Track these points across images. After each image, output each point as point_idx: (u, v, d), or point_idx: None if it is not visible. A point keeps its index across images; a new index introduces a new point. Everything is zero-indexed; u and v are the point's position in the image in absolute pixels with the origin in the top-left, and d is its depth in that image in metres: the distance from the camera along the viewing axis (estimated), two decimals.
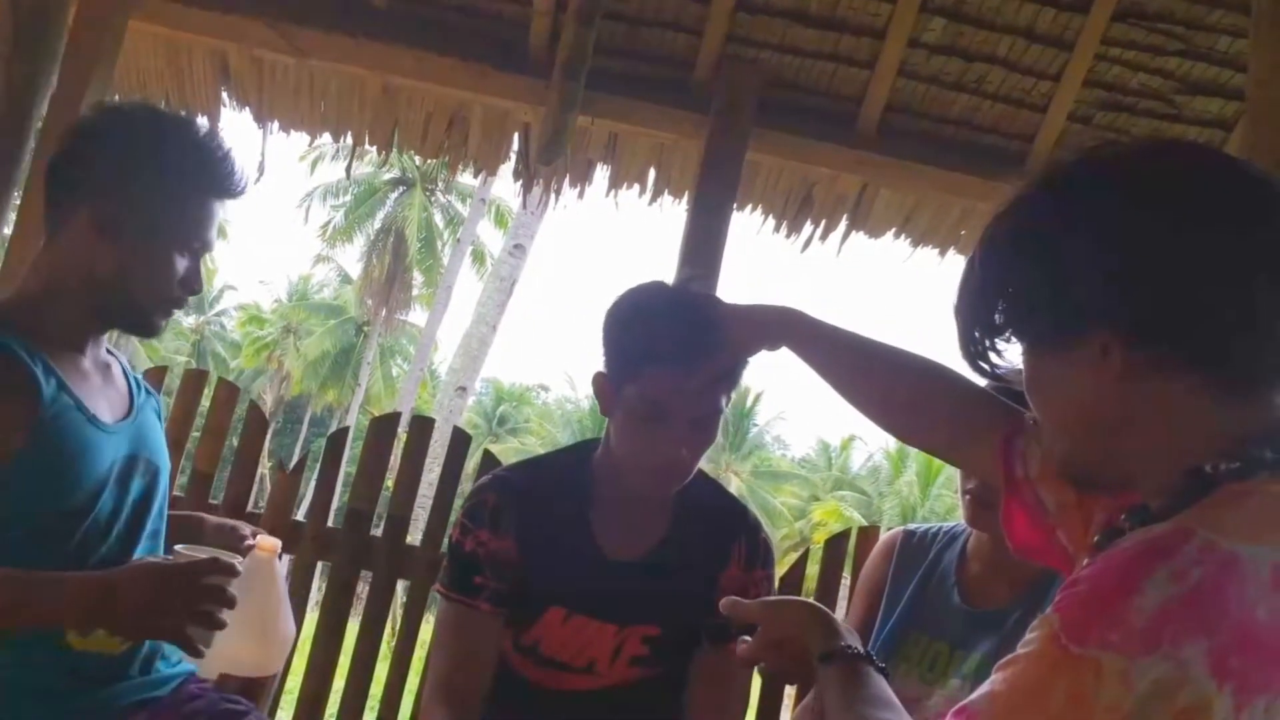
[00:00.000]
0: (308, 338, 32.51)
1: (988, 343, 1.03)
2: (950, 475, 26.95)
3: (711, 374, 1.55)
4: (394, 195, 29.49)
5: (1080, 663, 0.83)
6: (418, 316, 30.57)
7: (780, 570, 2.44)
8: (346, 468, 2.84)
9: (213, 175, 1.58)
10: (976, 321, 1.03)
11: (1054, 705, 0.83)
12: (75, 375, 1.53)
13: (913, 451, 30.18)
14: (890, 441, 30.77)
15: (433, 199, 29.44)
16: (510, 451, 33.07)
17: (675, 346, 1.54)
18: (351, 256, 31.71)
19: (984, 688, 0.90)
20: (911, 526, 2.08)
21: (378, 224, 29.53)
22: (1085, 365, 0.95)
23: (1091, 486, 1.06)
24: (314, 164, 28.55)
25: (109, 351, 1.69)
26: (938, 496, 27.92)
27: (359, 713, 2.56)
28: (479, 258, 27.86)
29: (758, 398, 31.94)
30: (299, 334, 33.51)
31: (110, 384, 1.63)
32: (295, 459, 2.76)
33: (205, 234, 1.59)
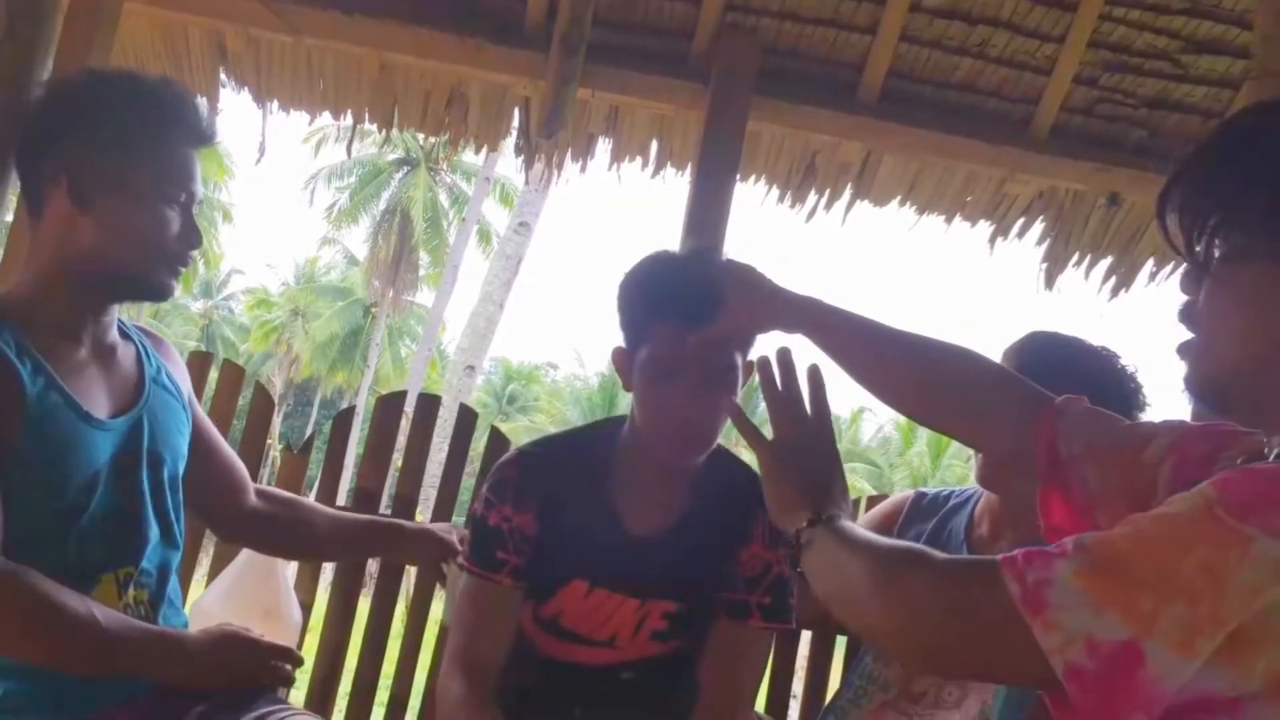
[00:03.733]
0: (316, 320, 32.59)
1: (1213, 226, 0.95)
2: (961, 446, 26.97)
3: (716, 334, 1.55)
4: (398, 176, 29.47)
5: (1231, 536, 0.80)
6: (425, 297, 30.59)
7: None
8: (356, 449, 2.83)
9: (176, 123, 1.54)
10: (1216, 201, 0.96)
11: (1186, 568, 0.80)
12: (68, 369, 1.50)
13: None
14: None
15: (437, 179, 29.39)
16: (520, 430, 33.18)
17: (681, 301, 1.55)
18: (357, 238, 31.75)
19: (1097, 534, 0.86)
20: (925, 489, 2.08)
21: (383, 205, 29.54)
22: None
23: (1222, 406, 1.01)
24: (318, 146, 28.56)
25: (123, 332, 1.66)
26: (948, 467, 27.95)
27: (372, 690, 2.57)
28: (485, 237, 27.85)
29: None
30: (307, 316, 33.60)
31: (113, 371, 1.59)
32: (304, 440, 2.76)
33: (187, 184, 1.56)
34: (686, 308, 1.54)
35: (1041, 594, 0.85)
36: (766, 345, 1.65)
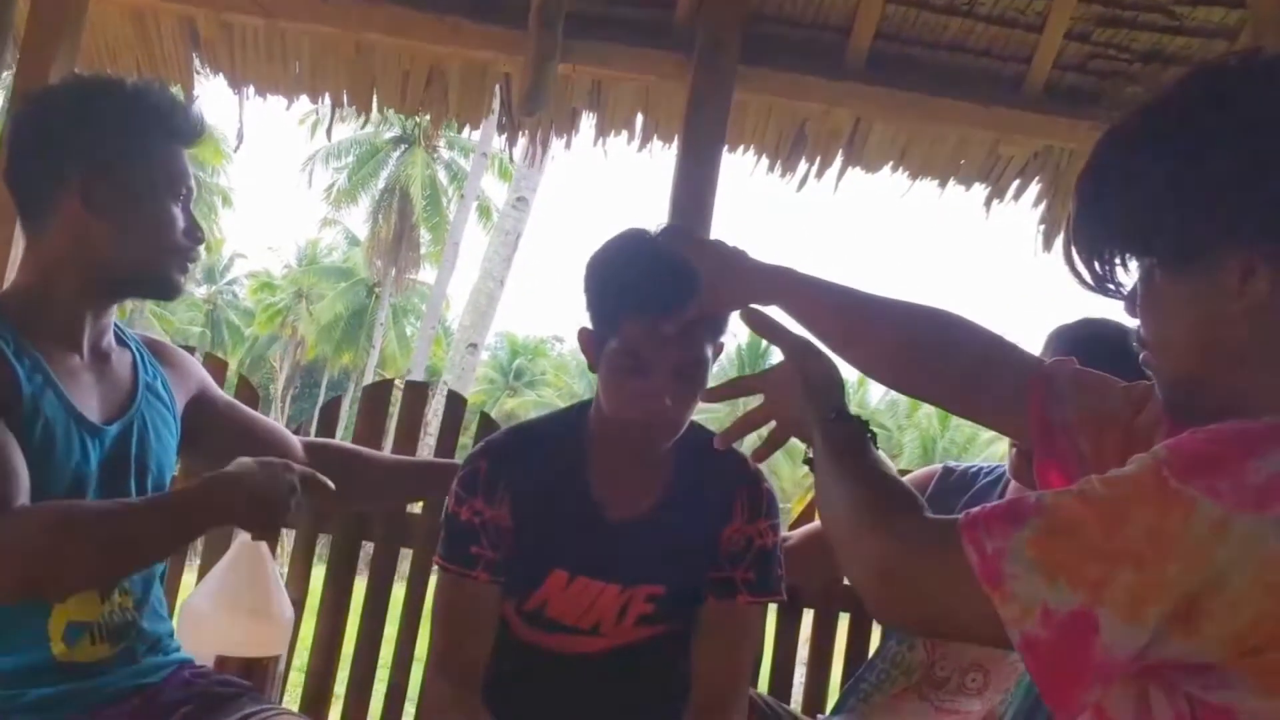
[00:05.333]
0: (319, 302, 32.68)
1: (1119, 261, 0.97)
2: None
3: (686, 320, 1.50)
4: (396, 154, 29.38)
5: (1174, 499, 0.79)
6: (428, 274, 30.55)
7: (799, 507, 2.40)
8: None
9: (172, 122, 1.57)
10: (1107, 238, 0.97)
11: (1131, 532, 0.80)
12: (65, 372, 1.51)
13: None
14: None
15: (435, 155, 29.27)
16: (528, 405, 33.29)
17: (650, 294, 1.50)
18: (358, 218, 31.70)
19: (1057, 492, 0.87)
20: (953, 464, 2.05)
21: (381, 184, 29.49)
22: (1219, 288, 0.90)
23: (1194, 417, 0.99)
24: (314, 127, 28.40)
25: (120, 338, 1.67)
26: (957, 427, 28.01)
27: (369, 683, 2.54)
28: (485, 212, 27.76)
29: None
30: (310, 298, 33.66)
31: (107, 378, 1.60)
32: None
33: (186, 180, 1.60)
34: (657, 302, 1.50)
35: (998, 564, 0.85)
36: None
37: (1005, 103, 3.12)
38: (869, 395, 33.37)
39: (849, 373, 1.40)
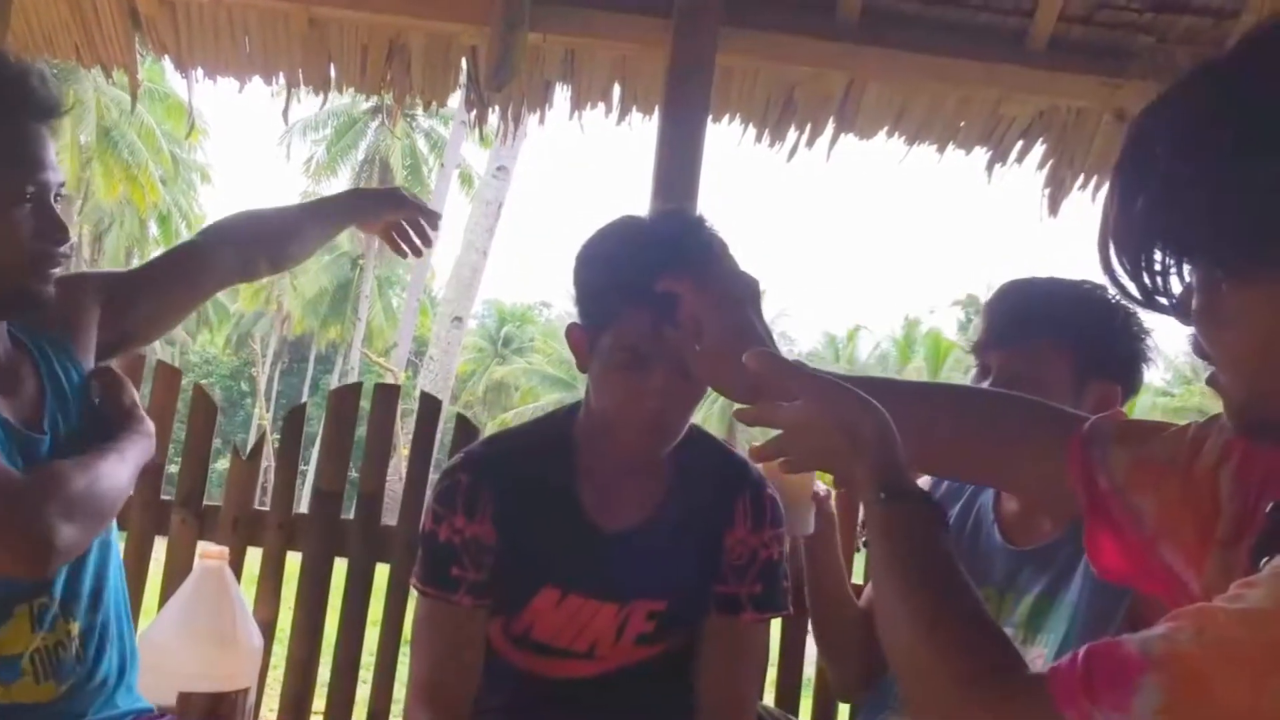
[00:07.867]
0: (304, 276, 32.54)
1: (1173, 269, 0.83)
2: (959, 358, 27.00)
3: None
4: (374, 124, 29.14)
5: None
6: None
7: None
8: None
9: (12, 102, 1.31)
10: (1157, 244, 0.82)
11: None
12: None
13: (920, 337, 30.30)
14: (896, 328, 30.89)
15: (414, 124, 29.02)
16: (518, 372, 33.26)
17: (648, 284, 1.36)
18: (338, 190, 31.42)
19: (1164, 636, 0.70)
20: None
21: (361, 155, 29.33)
22: None
23: (1277, 434, 0.86)
24: (286, 101, 28.09)
25: (16, 341, 1.46)
26: (947, 377, 27.94)
27: (348, 708, 2.39)
28: (467, 180, 27.59)
29: (761, 295, 31.89)
30: (295, 273, 33.45)
31: (11, 393, 1.41)
32: (249, 441, 2.55)
33: (34, 174, 1.33)
34: (662, 295, 1.35)
35: None
36: None
37: (1007, 59, 2.94)
38: (858, 351, 33.42)
39: (838, 326, 1.23)
